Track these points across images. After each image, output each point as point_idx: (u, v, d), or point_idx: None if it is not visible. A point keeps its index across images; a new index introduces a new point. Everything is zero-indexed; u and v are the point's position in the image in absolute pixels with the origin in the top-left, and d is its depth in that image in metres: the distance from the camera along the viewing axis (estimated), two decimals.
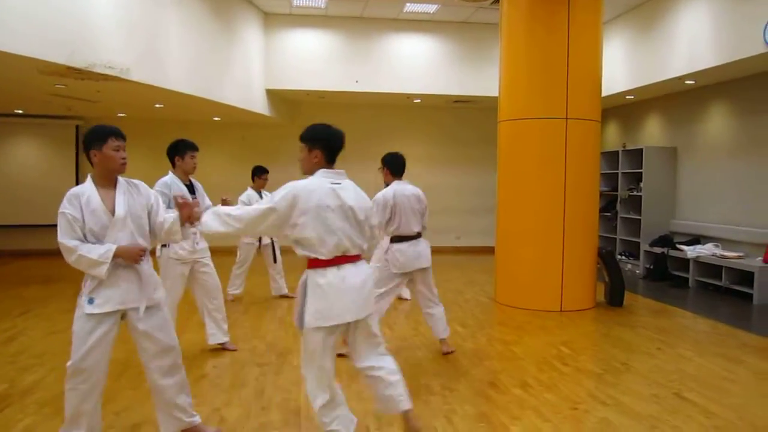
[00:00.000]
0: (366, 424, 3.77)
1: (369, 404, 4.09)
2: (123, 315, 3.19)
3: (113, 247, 3.06)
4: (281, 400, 4.16)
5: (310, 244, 3.06)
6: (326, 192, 3.09)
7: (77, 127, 11.72)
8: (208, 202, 5.23)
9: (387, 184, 5.29)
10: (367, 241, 3.27)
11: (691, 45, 8.08)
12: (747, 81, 8.34)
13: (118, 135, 3.20)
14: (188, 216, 3.31)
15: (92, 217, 3.08)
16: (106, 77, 6.63)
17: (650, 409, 4.05)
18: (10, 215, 11.38)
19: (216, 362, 5.01)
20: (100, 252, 3.03)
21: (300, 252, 3.11)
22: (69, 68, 6.07)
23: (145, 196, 3.32)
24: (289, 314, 6.86)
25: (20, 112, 11.17)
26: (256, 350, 5.36)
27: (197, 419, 3.47)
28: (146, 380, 3.34)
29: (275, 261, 7.62)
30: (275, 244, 7.60)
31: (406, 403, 3.29)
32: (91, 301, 3.08)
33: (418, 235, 5.19)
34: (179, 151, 5.04)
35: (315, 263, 3.09)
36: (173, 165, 5.06)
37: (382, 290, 5.08)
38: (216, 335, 5.28)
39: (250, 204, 7.22)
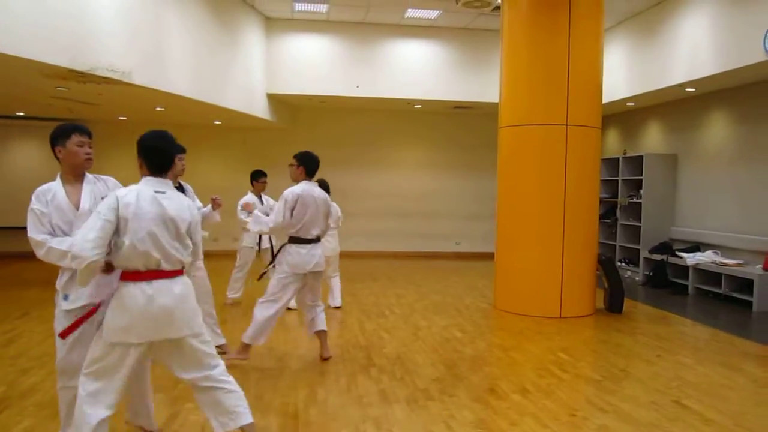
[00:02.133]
0: (363, 430, 3.76)
1: (368, 410, 4.09)
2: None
3: None
4: (280, 405, 4.16)
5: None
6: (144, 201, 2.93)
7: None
8: (198, 203, 5.22)
9: (296, 182, 5.19)
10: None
11: (691, 53, 8.10)
12: (747, 89, 8.36)
13: (82, 131, 3.23)
14: None
15: (57, 213, 3.11)
16: (107, 80, 6.64)
17: (649, 416, 4.04)
18: (11, 217, 11.36)
19: None
20: (69, 242, 3.03)
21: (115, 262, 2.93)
22: (71, 71, 6.09)
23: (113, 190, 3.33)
24: (288, 318, 6.86)
25: (22, 114, 11.19)
26: (255, 354, 5.35)
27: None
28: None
29: (274, 266, 7.59)
30: (275, 248, 7.58)
31: (247, 415, 3.15)
32: (66, 297, 3.11)
33: (317, 239, 5.13)
34: None
35: (125, 276, 2.90)
36: None
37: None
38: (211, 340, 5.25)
39: None
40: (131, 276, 2.88)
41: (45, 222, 3.09)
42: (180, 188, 5.10)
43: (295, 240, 5.06)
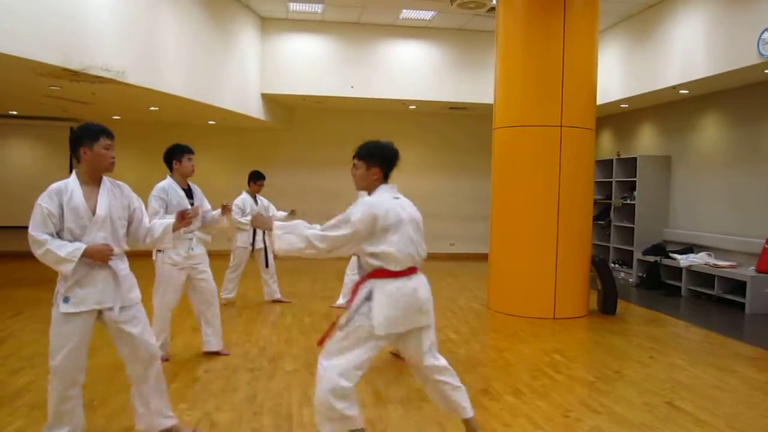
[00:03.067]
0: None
1: (368, 411, 4.08)
2: (99, 313, 3.19)
3: (82, 246, 3.06)
4: (273, 405, 4.15)
5: (387, 257, 3.14)
6: (395, 206, 3.24)
7: (72, 128, 11.67)
8: (207, 205, 5.21)
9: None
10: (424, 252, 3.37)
11: (685, 55, 8.13)
12: (741, 91, 8.39)
13: (109, 134, 3.22)
14: (182, 224, 3.40)
15: (72, 215, 3.08)
16: (101, 79, 6.62)
17: (642, 417, 4.05)
18: (4, 216, 11.32)
19: (208, 367, 4.99)
20: (69, 250, 3.03)
21: (373, 262, 3.17)
22: (64, 70, 6.06)
23: (128, 199, 3.33)
24: (282, 319, 6.86)
25: (15, 113, 11.14)
26: (248, 355, 5.35)
27: (171, 421, 3.48)
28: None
29: (268, 266, 7.60)
30: (268, 248, 7.58)
31: (469, 410, 3.43)
32: (66, 299, 3.11)
33: None
34: (177, 155, 5.01)
35: (384, 274, 3.16)
36: (171, 169, 5.03)
37: None
38: (211, 342, 5.24)
39: (245, 208, 7.27)
40: (394, 274, 3.15)
41: (50, 223, 3.06)
42: (188, 190, 5.07)
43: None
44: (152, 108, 9.51)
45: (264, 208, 7.47)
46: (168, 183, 4.95)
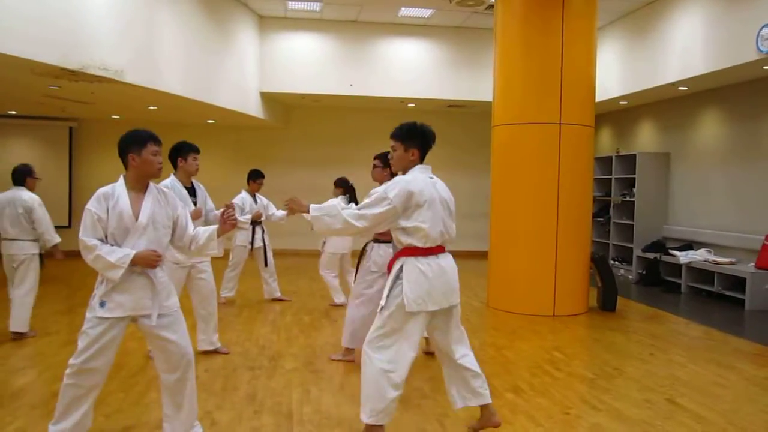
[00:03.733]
0: (357, 429, 3.76)
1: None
2: (134, 319, 3.19)
3: (132, 252, 3.07)
4: (273, 404, 4.15)
5: (418, 233, 3.31)
6: (429, 186, 3.40)
7: (71, 128, 11.68)
8: (210, 204, 5.21)
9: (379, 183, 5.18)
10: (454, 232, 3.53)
11: (684, 51, 8.12)
12: (740, 87, 8.39)
13: (157, 140, 3.25)
14: (226, 228, 3.44)
15: (115, 220, 3.10)
16: (100, 79, 6.61)
17: (642, 414, 4.05)
18: None
19: (208, 365, 4.99)
20: (119, 256, 3.04)
21: (405, 240, 3.35)
22: (63, 69, 6.06)
23: (173, 207, 3.34)
24: (281, 317, 6.86)
25: (14, 112, 11.13)
26: (249, 354, 5.35)
27: (197, 430, 3.46)
28: (138, 383, 3.33)
29: (267, 264, 7.59)
30: (267, 247, 7.58)
31: (488, 397, 3.56)
32: (102, 304, 3.09)
33: None
34: (182, 153, 5.00)
35: (415, 251, 3.34)
36: (175, 167, 5.02)
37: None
38: (204, 341, 5.24)
39: (244, 207, 7.26)
40: (423, 252, 3.31)
41: (99, 228, 3.08)
42: (192, 188, 5.07)
43: (385, 241, 5.01)
44: (151, 107, 9.50)
45: (263, 207, 7.46)
46: (171, 181, 4.92)
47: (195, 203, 4.97)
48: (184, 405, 3.31)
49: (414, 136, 3.48)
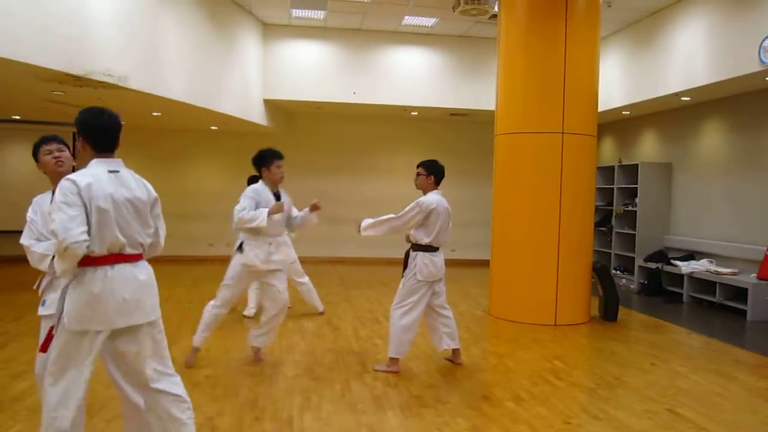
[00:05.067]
0: None
1: (362, 416, 4.09)
2: None
3: None
4: (274, 411, 4.14)
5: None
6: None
7: (74, 134, 11.65)
8: (295, 210, 5.28)
9: (423, 192, 5.30)
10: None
11: (687, 62, 8.14)
12: (742, 98, 8.41)
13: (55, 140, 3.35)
14: None
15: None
16: (104, 85, 6.64)
17: (643, 424, 4.04)
18: (6, 220, 11.32)
19: (209, 371, 4.99)
20: (46, 245, 3.08)
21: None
22: (67, 75, 6.08)
23: None
24: (283, 325, 6.82)
25: (18, 117, 11.16)
26: (249, 360, 5.34)
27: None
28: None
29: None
30: None
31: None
32: (43, 302, 3.15)
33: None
34: (265, 162, 5.03)
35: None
36: (260, 175, 5.09)
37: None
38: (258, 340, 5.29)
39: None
40: (92, 261, 2.73)
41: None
42: (277, 195, 5.08)
43: (428, 248, 5.13)
44: (155, 113, 9.53)
45: None
46: (261, 186, 5.04)
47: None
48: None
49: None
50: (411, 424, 3.97)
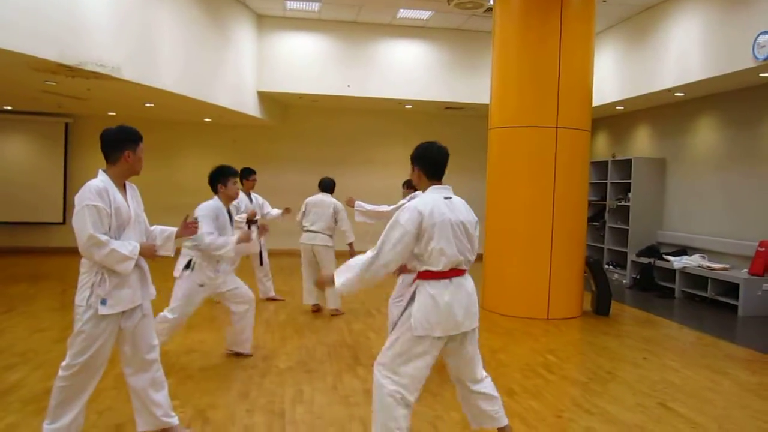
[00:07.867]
0: (349, 429, 3.76)
1: (354, 409, 4.09)
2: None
3: (138, 245, 3.15)
4: (266, 403, 4.14)
5: (428, 257, 3.09)
6: (440, 205, 3.20)
7: (67, 124, 11.63)
8: (268, 208, 5.26)
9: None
10: (473, 254, 3.25)
11: (681, 58, 8.15)
12: (736, 94, 8.43)
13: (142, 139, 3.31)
14: (185, 233, 3.48)
15: (116, 215, 3.11)
16: (96, 75, 6.59)
17: (635, 418, 4.06)
18: None
19: (201, 364, 4.98)
20: (129, 248, 3.09)
21: (417, 265, 3.16)
22: (60, 65, 6.04)
23: (141, 203, 3.42)
24: (275, 317, 6.85)
25: (9, 108, 11.09)
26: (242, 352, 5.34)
27: (174, 420, 3.45)
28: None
29: (262, 263, 7.58)
30: (262, 246, 7.56)
31: (503, 419, 3.39)
32: (104, 302, 3.09)
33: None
34: (223, 178, 4.97)
35: (426, 275, 3.13)
36: (216, 192, 5.00)
37: None
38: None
39: (239, 206, 7.24)
40: (437, 275, 3.10)
41: (106, 222, 3.07)
42: (230, 213, 5.03)
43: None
44: (147, 104, 9.47)
45: (258, 206, 7.45)
46: (217, 204, 4.93)
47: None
48: (149, 393, 3.35)
49: (416, 156, 3.49)
50: None
